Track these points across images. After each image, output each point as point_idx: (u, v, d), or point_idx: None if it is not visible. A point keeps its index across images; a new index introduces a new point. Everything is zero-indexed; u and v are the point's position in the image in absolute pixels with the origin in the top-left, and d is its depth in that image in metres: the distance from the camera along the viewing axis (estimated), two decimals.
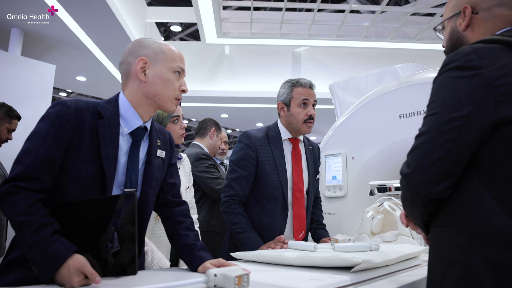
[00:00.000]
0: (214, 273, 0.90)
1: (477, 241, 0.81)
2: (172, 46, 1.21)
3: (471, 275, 0.80)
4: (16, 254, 1.05)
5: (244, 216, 1.78)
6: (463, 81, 0.85)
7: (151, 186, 1.18)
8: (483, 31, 1.01)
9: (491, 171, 0.83)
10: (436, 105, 0.88)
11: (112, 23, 4.86)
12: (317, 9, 5.56)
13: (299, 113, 1.89)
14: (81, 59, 5.98)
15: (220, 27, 5.91)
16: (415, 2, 5.59)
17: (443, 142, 0.84)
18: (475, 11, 1.02)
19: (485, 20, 1.01)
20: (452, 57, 0.89)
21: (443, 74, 0.90)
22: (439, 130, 0.85)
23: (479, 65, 0.84)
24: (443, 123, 0.85)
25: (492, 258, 0.78)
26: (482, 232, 0.81)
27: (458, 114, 0.83)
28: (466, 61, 0.86)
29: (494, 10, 1.00)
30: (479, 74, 0.83)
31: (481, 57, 0.85)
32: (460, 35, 1.06)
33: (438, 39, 1.33)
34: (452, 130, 0.83)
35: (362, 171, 2.70)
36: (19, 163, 1.00)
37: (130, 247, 0.90)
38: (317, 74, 7.64)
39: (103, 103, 1.14)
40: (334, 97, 3.95)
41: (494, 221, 0.79)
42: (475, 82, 0.83)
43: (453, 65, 0.88)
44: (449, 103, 0.85)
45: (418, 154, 0.87)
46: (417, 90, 2.49)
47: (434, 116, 0.87)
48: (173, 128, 1.76)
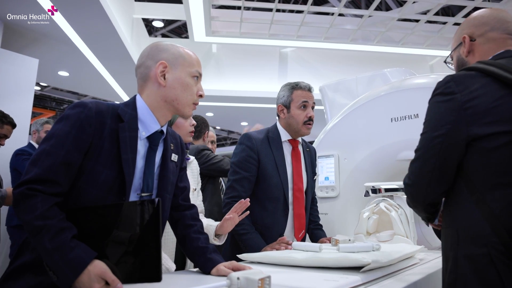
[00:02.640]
0: (237, 277, 0.91)
1: (463, 239, 0.97)
2: (189, 50, 1.22)
3: (458, 268, 0.96)
4: (26, 258, 1.02)
5: (246, 218, 1.80)
6: (442, 104, 1.03)
7: (167, 190, 1.18)
8: (481, 54, 1.17)
9: (472, 179, 0.99)
10: (425, 126, 1.07)
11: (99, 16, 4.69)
12: (307, 11, 5.61)
13: (299, 115, 1.95)
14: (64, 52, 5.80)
15: (209, 25, 5.89)
16: (401, 8, 5.72)
17: (430, 156, 1.02)
18: (472, 38, 1.18)
19: (482, 44, 1.17)
20: (437, 84, 1.07)
21: (431, 99, 1.08)
22: (426, 147, 1.04)
23: (455, 90, 1.01)
24: (429, 140, 1.03)
25: (472, 254, 0.94)
26: (466, 232, 0.97)
27: (438, 132, 1.01)
28: (445, 88, 1.03)
29: (488, 35, 1.16)
30: (454, 98, 1.00)
31: (457, 84, 1.02)
32: (464, 60, 1.21)
33: (422, 44, 1.49)
34: (435, 147, 1.01)
35: (354, 172, 2.76)
36: (35, 165, 0.97)
37: (154, 253, 0.89)
38: (304, 75, 7.70)
39: (122, 105, 1.13)
40: (325, 99, 4.00)
41: (474, 222, 0.95)
42: (450, 105, 1.01)
43: (437, 91, 1.06)
44: (433, 124, 1.04)
45: (414, 167, 1.08)
46: (408, 95, 2.56)
47: (424, 135, 1.07)
48: (182, 124, 1.74)
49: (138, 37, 6.69)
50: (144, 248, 0.90)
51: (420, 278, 1.26)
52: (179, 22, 9.89)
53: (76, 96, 11.47)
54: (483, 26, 1.16)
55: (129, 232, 0.93)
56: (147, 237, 0.91)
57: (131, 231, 0.93)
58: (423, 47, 6.71)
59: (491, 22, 1.15)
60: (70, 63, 6.31)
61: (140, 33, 6.98)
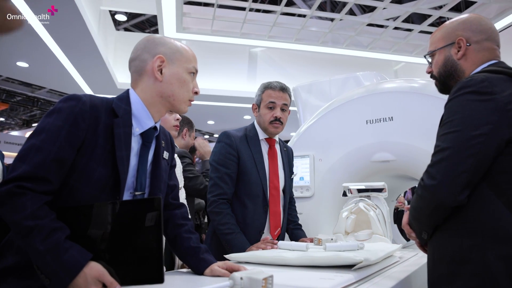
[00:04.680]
0: (240, 277, 0.90)
1: (489, 241, 0.94)
2: (185, 45, 1.19)
3: (486, 270, 0.92)
4: (9, 262, 0.95)
5: (232, 217, 1.80)
6: (480, 104, 0.98)
7: (159, 189, 1.13)
8: (474, 60, 1.17)
9: (499, 181, 0.97)
10: (456, 124, 1.00)
11: (66, 2, 4.47)
12: (280, 12, 5.64)
13: (265, 115, 1.98)
14: (24, 42, 5.48)
15: (180, 21, 5.78)
16: (371, 13, 5.89)
17: (467, 156, 0.96)
18: (468, 43, 1.18)
19: (476, 51, 1.17)
20: (467, 83, 1.02)
21: (459, 97, 1.02)
22: (462, 146, 0.97)
23: (493, 91, 0.98)
24: (466, 139, 0.97)
25: (505, 255, 0.91)
26: (494, 233, 0.94)
27: (479, 132, 0.96)
28: (481, 87, 1.00)
29: (483, 43, 1.17)
30: (494, 99, 0.98)
31: (493, 85, 1.00)
32: (455, 63, 1.20)
33: (388, 50, 1.51)
34: (475, 146, 0.96)
35: (329, 173, 2.80)
36: (23, 161, 0.90)
37: (156, 254, 0.85)
38: (273, 75, 7.74)
39: (115, 100, 1.07)
40: (298, 100, 4.05)
41: (504, 223, 0.93)
42: (491, 105, 0.97)
43: (469, 89, 1.01)
44: (470, 122, 0.97)
45: (444, 167, 0.98)
46: (384, 98, 2.64)
47: (456, 133, 0.99)
48: (165, 118, 1.70)
49: (105, 29, 6.45)
50: (145, 249, 0.86)
51: (407, 275, 1.30)
52: (143, 16, 9.65)
53: (29, 89, 10.85)
54: (481, 34, 1.17)
55: (128, 232, 0.88)
56: (148, 237, 0.87)
57: (131, 232, 0.88)
58: (390, 52, 6.96)
59: (488, 31, 1.17)
60: (31, 54, 5.98)
61: (107, 25, 6.73)
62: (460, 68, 1.19)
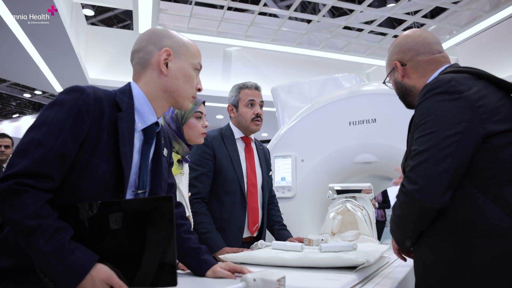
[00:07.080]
0: (253, 278, 0.88)
1: (485, 240, 0.93)
2: (190, 40, 1.15)
3: (488, 270, 0.91)
4: (3, 264, 0.88)
5: (207, 216, 1.84)
6: (452, 103, 0.99)
7: (161, 187, 1.09)
8: (417, 75, 1.22)
9: (483, 177, 0.97)
10: (430, 125, 0.99)
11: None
12: (258, 12, 5.64)
13: (246, 113, 2.04)
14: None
15: (156, 18, 5.65)
16: (348, 16, 6.00)
17: (445, 156, 0.95)
18: (403, 63, 1.23)
19: (414, 67, 1.22)
20: (434, 84, 1.04)
21: (430, 99, 1.03)
22: (439, 146, 0.95)
23: (461, 89, 1.00)
24: (442, 139, 0.96)
25: (506, 252, 0.91)
26: (487, 230, 0.93)
27: (454, 131, 0.96)
28: (449, 87, 1.00)
29: (416, 59, 1.21)
30: (464, 97, 0.99)
31: (460, 84, 1.01)
32: (401, 83, 1.26)
33: (362, 53, 1.51)
34: (452, 145, 0.95)
35: (311, 174, 2.82)
36: (23, 156, 0.83)
37: (169, 255, 0.81)
38: (247, 75, 7.72)
39: (118, 93, 1.02)
40: (277, 100, 4.05)
41: (496, 219, 0.93)
42: (462, 103, 0.99)
43: (438, 90, 1.01)
44: (444, 122, 0.97)
45: (424, 169, 0.96)
46: (366, 100, 2.69)
47: (431, 135, 0.98)
48: (194, 125, 1.61)
49: (77, 22, 6.19)
50: (158, 250, 0.82)
51: (405, 276, 1.32)
52: (111, 12, 9.37)
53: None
54: (409, 52, 1.21)
55: (139, 232, 0.84)
56: (161, 238, 0.83)
57: (141, 232, 0.84)
58: (363, 56, 7.13)
59: (415, 47, 1.20)
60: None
61: (79, 18, 6.47)
62: (408, 86, 1.23)
